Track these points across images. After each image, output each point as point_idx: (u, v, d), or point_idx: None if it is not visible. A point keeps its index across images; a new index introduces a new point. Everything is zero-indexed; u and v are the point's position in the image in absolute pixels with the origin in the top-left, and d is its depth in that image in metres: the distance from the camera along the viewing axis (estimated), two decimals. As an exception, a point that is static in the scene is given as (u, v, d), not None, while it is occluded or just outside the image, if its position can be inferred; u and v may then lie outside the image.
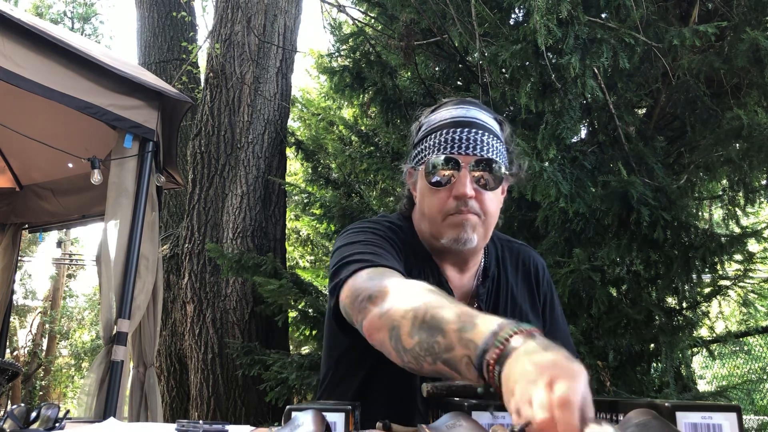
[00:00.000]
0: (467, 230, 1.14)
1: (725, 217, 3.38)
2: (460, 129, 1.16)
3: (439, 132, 1.18)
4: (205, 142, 4.17)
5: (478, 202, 1.14)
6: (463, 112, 1.19)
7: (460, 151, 1.14)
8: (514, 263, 1.30)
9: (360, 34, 3.82)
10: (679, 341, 2.64)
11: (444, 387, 0.98)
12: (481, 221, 1.15)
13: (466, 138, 1.15)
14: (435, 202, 1.16)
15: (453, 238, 1.14)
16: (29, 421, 0.96)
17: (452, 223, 1.14)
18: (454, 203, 1.13)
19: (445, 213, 1.15)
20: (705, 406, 0.68)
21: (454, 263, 1.23)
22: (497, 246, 1.31)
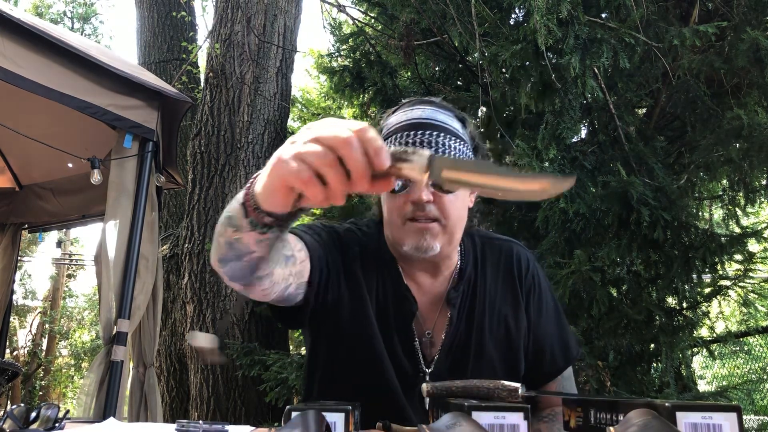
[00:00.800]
0: (427, 238, 1.11)
1: (725, 217, 3.38)
2: (415, 132, 1.13)
3: (395, 136, 1.15)
4: (205, 142, 4.17)
5: (437, 206, 1.11)
6: (419, 113, 1.16)
7: None
8: (495, 262, 1.26)
9: (360, 34, 3.82)
10: (680, 341, 2.64)
11: (444, 387, 0.98)
12: (442, 226, 1.12)
13: (421, 141, 1.12)
14: (394, 208, 1.15)
15: (414, 245, 1.12)
16: (29, 421, 0.96)
17: (412, 230, 1.12)
18: (411, 207, 1.11)
19: (404, 218, 1.13)
20: (705, 407, 0.68)
21: (423, 268, 1.21)
22: (476, 245, 1.28)
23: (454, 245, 1.18)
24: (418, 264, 1.20)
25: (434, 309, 1.21)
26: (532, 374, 1.22)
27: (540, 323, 1.24)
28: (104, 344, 2.71)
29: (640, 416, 0.66)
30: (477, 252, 1.26)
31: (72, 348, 16.06)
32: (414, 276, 1.22)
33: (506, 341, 1.20)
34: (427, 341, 1.20)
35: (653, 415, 0.65)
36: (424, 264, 1.20)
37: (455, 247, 1.20)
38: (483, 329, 1.19)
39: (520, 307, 1.23)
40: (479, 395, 0.92)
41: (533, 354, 1.23)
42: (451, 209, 1.12)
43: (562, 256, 2.70)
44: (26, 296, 16.17)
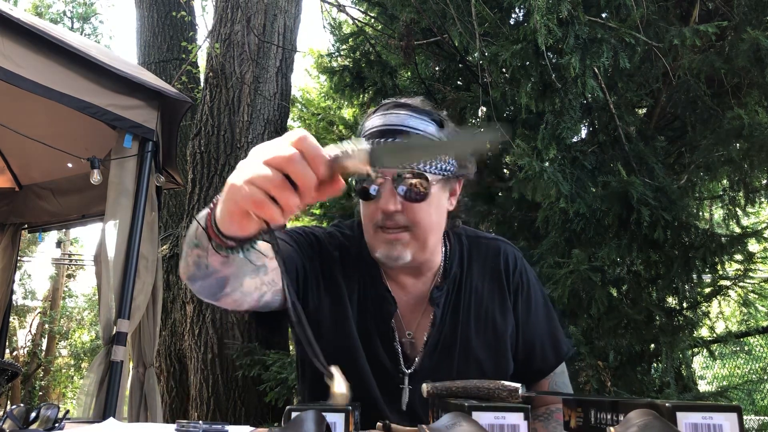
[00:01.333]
0: (398, 248, 1.11)
1: (725, 217, 3.38)
2: (384, 139, 1.11)
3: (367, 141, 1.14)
4: (204, 142, 4.17)
5: (407, 214, 1.10)
6: (391, 119, 1.14)
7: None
8: (482, 260, 1.25)
9: (360, 33, 3.82)
10: (680, 341, 2.64)
11: (444, 387, 0.97)
12: (413, 234, 1.11)
13: None
14: (366, 215, 1.15)
15: (384, 254, 1.13)
16: (29, 421, 0.96)
17: (383, 239, 1.12)
18: (381, 216, 1.11)
19: (375, 225, 1.13)
20: (705, 407, 0.68)
21: (405, 270, 1.20)
22: (463, 244, 1.26)
23: (429, 250, 1.17)
24: (400, 267, 1.19)
25: (417, 309, 1.21)
26: (523, 372, 1.21)
27: (529, 321, 1.23)
28: (104, 344, 2.71)
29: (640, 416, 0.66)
30: (464, 251, 1.25)
31: (72, 348, 16.07)
32: (396, 277, 1.21)
33: (494, 341, 1.19)
34: (408, 342, 1.19)
35: (654, 415, 0.65)
36: (406, 267, 1.19)
37: (432, 251, 1.18)
38: (469, 328, 1.18)
39: (508, 305, 1.21)
40: (479, 395, 0.92)
41: (523, 353, 1.22)
42: (421, 217, 1.11)
43: (562, 256, 2.70)
44: (26, 296, 16.18)
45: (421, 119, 1.15)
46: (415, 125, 1.13)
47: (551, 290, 2.63)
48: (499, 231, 3.31)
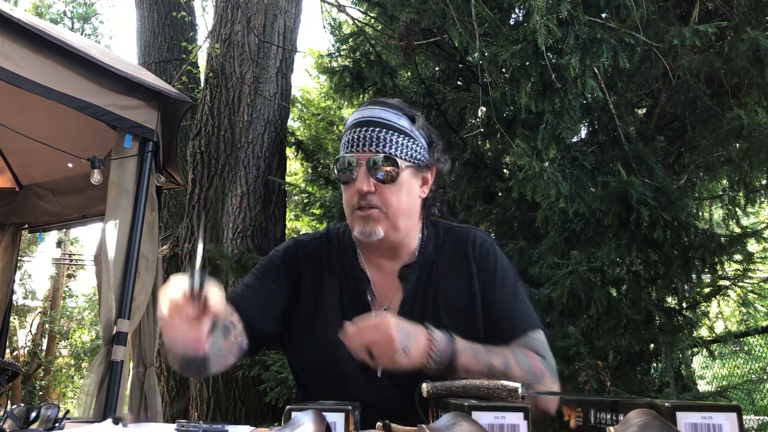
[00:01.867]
0: (370, 224, 1.24)
1: (725, 217, 3.38)
2: (359, 128, 1.26)
3: (345, 134, 1.30)
4: (205, 142, 4.17)
5: (379, 195, 1.24)
6: (366, 112, 1.29)
7: (357, 149, 1.25)
8: (453, 245, 1.34)
9: (360, 34, 3.82)
10: (679, 341, 2.64)
11: (444, 387, 0.98)
12: (384, 213, 1.24)
13: (363, 137, 1.25)
14: (346, 198, 1.29)
15: (359, 231, 1.25)
16: (29, 421, 0.96)
17: (358, 217, 1.25)
18: (357, 197, 1.24)
19: (352, 207, 1.26)
20: (705, 407, 0.68)
21: (381, 253, 1.33)
22: (439, 233, 1.36)
23: (402, 231, 1.29)
24: (376, 249, 1.31)
25: (392, 286, 1.31)
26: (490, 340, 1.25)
27: (494, 294, 1.29)
28: (104, 344, 2.71)
29: (640, 416, 0.66)
30: (439, 239, 1.35)
31: (72, 348, 16.06)
32: (373, 259, 1.33)
33: (463, 312, 1.27)
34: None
35: (653, 415, 0.65)
36: (381, 249, 1.31)
37: (405, 233, 1.30)
38: (438, 303, 1.27)
39: (474, 280, 1.30)
40: (479, 395, 0.92)
41: (488, 321, 1.28)
42: (392, 199, 1.24)
43: (561, 257, 2.70)
44: (26, 296, 16.17)
45: (394, 113, 1.29)
46: (388, 117, 1.27)
47: (551, 290, 2.64)
48: (499, 231, 3.31)
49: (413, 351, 1.06)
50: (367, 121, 1.27)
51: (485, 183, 3.27)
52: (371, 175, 1.23)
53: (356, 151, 1.25)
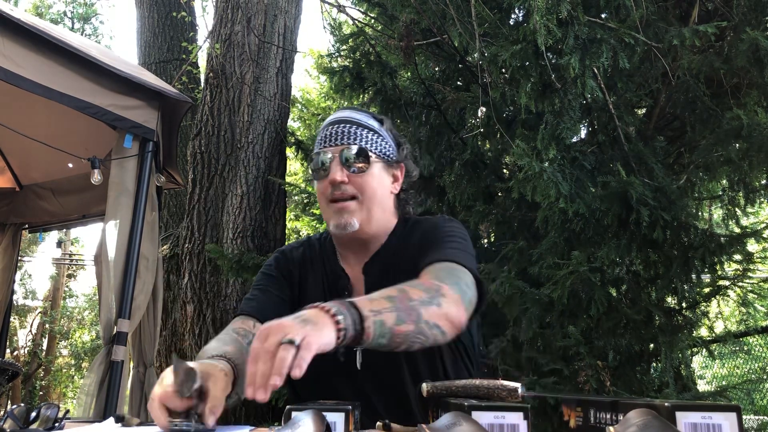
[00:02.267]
0: (345, 216, 1.27)
1: (725, 217, 3.38)
2: (331, 126, 1.34)
3: (319, 134, 1.37)
4: (205, 142, 4.17)
5: (353, 185, 1.28)
6: (337, 114, 1.38)
7: (330, 144, 1.32)
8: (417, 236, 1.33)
9: (360, 34, 3.82)
10: (679, 341, 2.64)
11: (444, 387, 0.98)
12: (360, 202, 1.28)
13: (335, 132, 1.33)
14: (320, 191, 1.33)
15: (335, 224, 1.28)
16: (29, 421, 0.97)
17: (334, 209, 1.29)
18: (331, 189, 1.28)
19: (327, 199, 1.30)
20: (705, 406, 0.68)
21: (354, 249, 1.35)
22: (406, 228, 1.38)
23: (376, 223, 1.31)
24: (350, 245, 1.35)
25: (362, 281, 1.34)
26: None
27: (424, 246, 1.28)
28: (104, 344, 2.71)
29: (639, 416, 0.66)
30: (405, 232, 1.37)
31: (72, 348, 16.05)
32: (347, 257, 1.37)
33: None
34: None
35: (653, 415, 0.65)
36: (353, 244, 1.34)
37: (379, 225, 1.33)
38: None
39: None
40: (479, 395, 0.92)
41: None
42: (365, 186, 1.29)
43: (561, 257, 2.70)
44: (26, 296, 16.17)
45: (363, 114, 1.38)
46: (358, 117, 1.35)
47: (551, 290, 2.64)
48: (499, 231, 3.31)
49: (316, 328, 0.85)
50: (339, 120, 1.35)
51: (485, 183, 3.27)
52: (344, 167, 1.28)
53: (329, 146, 1.31)
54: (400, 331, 0.97)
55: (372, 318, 0.93)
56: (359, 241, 1.33)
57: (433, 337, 1.03)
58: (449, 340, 1.08)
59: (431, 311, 1.02)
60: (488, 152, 3.41)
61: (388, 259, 1.33)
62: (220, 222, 4.01)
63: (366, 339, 0.93)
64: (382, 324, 0.94)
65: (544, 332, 2.68)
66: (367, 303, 0.95)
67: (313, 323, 0.86)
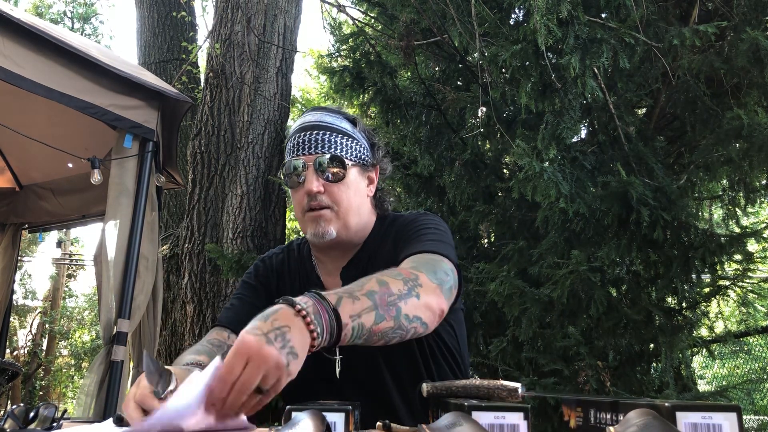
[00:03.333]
0: (322, 224, 1.25)
1: (725, 217, 3.37)
2: (303, 133, 1.29)
3: (290, 140, 1.33)
4: (205, 142, 4.17)
5: (328, 195, 1.26)
6: (308, 117, 1.33)
7: (303, 152, 1.28)
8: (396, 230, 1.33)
9: (360, 34, 3.82)
10: (679, 341, 2.64)
11: (444, 387, 0.98)
12: (335, 212, 1.26)
13: (308, 140, 1.28)
14: (296, 202, 1.31)
15: (312, 233, 1.26)
16: (28, 420, 0.97)
17: (309, 219, 1.27)
18: (307, 199, 1.26)
19: (303, 210, 1.28)
20: (705, 406, 0.68)
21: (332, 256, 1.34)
22: (383, 227, 1.37)
23: (353, 230, 1.30)
24: (327, 251, 1.34)
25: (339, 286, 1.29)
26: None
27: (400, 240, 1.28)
28: (104, 344, 2.71)
29: (640, 416, 0.66)
30: (382, 232, 1.36)
31: (72, 348, 16.06)
32: (325, 262, 1.36)
33: None
34: None
35: (653, 415, 0.65)
36: (330, 251, 1.33)
37: (356, 231, 1.31)
38: None
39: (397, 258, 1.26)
40: (479, 395, 0.92)
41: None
42: (341, 197, 1.26)
43: (561, 256, 2.70)
44: (26, 296, 16.17)
45: (335, 116, 1.33)
46: (330, 121, 1.31)
47: (551, 290, 2.64)
48: (499, 231, 3.31)
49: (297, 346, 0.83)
50: (311, 125, 1.30)
51: (485, 183, 3.27)
52: (319, 176, 1.25)
53: (303, 154, 1.27)
54: (379, 329, 0.96)
55: (351, 324, 0.92)
56: (337, 248, 1.32)
57: (413, 329, 1.03)
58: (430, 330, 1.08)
59: (410, 304, 1.01)
60: (488, 152, 3.41)
61: (364, 262, 1.32)
62: (220, 222, 4.01)
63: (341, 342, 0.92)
64: (361, 326, 0.93)
65: (544, 332, 2.68)
66: (348, 305, 0.93)
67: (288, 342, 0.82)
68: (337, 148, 1.28)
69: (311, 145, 1.27)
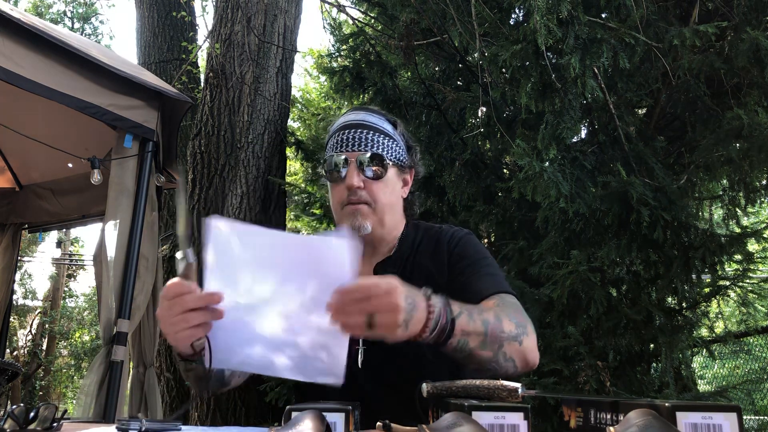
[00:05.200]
0: (359, 218, 1.31)
1: (725, 217, 3.37)
2: (348, 130, 1.35)
3: (334, 136, 1.38)
4: (204, 142, 4.17)
5: (368, 191, 1.31)
6: (352, 116, 1.39)
7: (347, 149, 1.33)
8: (432, 243, 1.39)
9: (360, 34, 3.82)
10: (679, 341, 2.64)
11: (444, 387, 0.98)
12: (372, 209, 1.32)
13: (351, 137, 1.34)
14: (335, 196, 1.36)
15: (348, 226, 1.31)
16: (28, 420, 0.97)
17: (347, 212, 1.32)
18: (347, 193, 1.31)
19: (342, 204, 1.33)
20: (705, 407, 0.68)
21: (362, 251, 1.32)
22: (418, 234, 1.42)
23: (387, 228, 1.36)
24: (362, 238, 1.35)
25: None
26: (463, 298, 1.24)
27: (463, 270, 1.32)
28: (104, 344, 2.71)
29: (640, 416, 0.66)
30: (416, 237, 1.42)
31: (72, 348, 16.05)
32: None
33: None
34: None
35: (653, 415, 0.65)
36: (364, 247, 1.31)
37: (389, 230, 1.38)
38: None
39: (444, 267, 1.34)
40: (479, 395, 0.92)
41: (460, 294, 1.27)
42: (379, 195, 1.32)
43: (561, 257, 2.70)
44: (26, 296, 16.17)
45: (378, 117, 1.39)
46: (373, 121, 1.37)
47: (551, 290, 2.63)
48: (499, 231, 3.31)
49: (412, 324, 0.97)
50: (356, 123, 1.36)
51: (485, 183, 3.27)
52: (360, 173, 1.31)
53: (346, 151, 1.33)
54: (479, 354, 1.07)
55: (459, 338, 1.04)
56: (368, 243, 1.35)
57: (505, 368, 1.12)
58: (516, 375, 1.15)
59: (513, 347, 1.12)
60: (488, 152, 3.41)
61: (401, 263, 1.36)
62: (220, 222, 4.01)
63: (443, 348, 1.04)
64: (465, 344, 1.05)
65: (544, 332, 2.68)
66: (464, 322, 1.05)
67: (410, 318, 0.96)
68: (379, 148, 1.34)
69: (354, 142, 1.33)
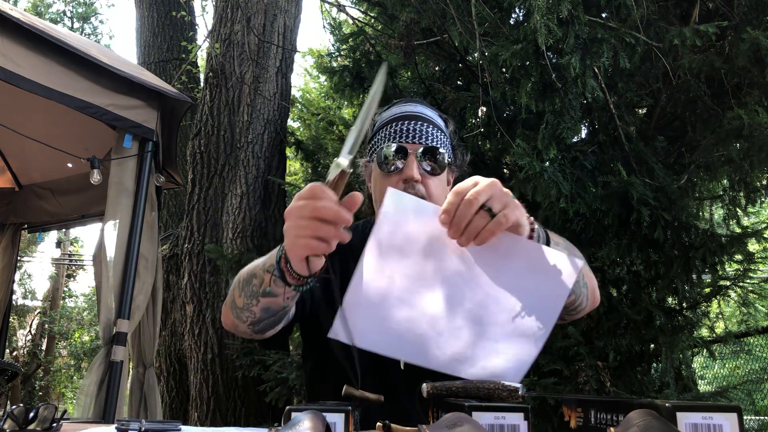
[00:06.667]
0: None
1: (726, 217, 3.37)
2: (408, 121, 1.31)
3: (390, 125, 1.32)
4: (204, 142, 4.17)
5: (424, 186, 1.27)
6: (411, 108, 1.35)
7: (408, 140, 1.29)
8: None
9: (360, 33, 3.82)
10: (679, 341, 2.64)
11: (444, 387, 0.97)
12: None
13: (413, 129, 1.30)
14: (385, 186, 1.26)
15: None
16: (27, 420, 0.96)
17: None
18: (403, 186, 1.25)
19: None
20: (705, 407, 0.68)
21: None
22: None
23: None
24: None
25: None
26: None
27: None
28: (104, 344, 2.71)
29: (640, 417, 0.66)
30: None
31: (71, 348, 16.06)
32: None
33: None
34: None
35: (654, 415, 0.65)
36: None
37: None
38: None
39: None
40: (479, 395, 0.92)
41: None
42: (433, 190, 1.28)
43: (562, 256, 2.69)
44: (26, 296, 16.18)
45: (433, 111, 1.37)
46: (431, 115, 1.34)
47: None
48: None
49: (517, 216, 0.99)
50: (415, 115, 1.32)
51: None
52: (420, 165, 1.27)
53: (406, 142, 1.28)
54: None
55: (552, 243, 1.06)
56: None
57: (580, 295, 1.17)
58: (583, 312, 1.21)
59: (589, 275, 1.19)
60: (488, 152, 3.41)
61: None
62: (219, 222, 4.01)
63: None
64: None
65: (544, 332, 2.67)
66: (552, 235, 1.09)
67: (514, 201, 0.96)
68: (437, 142, 1.31)
69: (415, 134, 1.29)
